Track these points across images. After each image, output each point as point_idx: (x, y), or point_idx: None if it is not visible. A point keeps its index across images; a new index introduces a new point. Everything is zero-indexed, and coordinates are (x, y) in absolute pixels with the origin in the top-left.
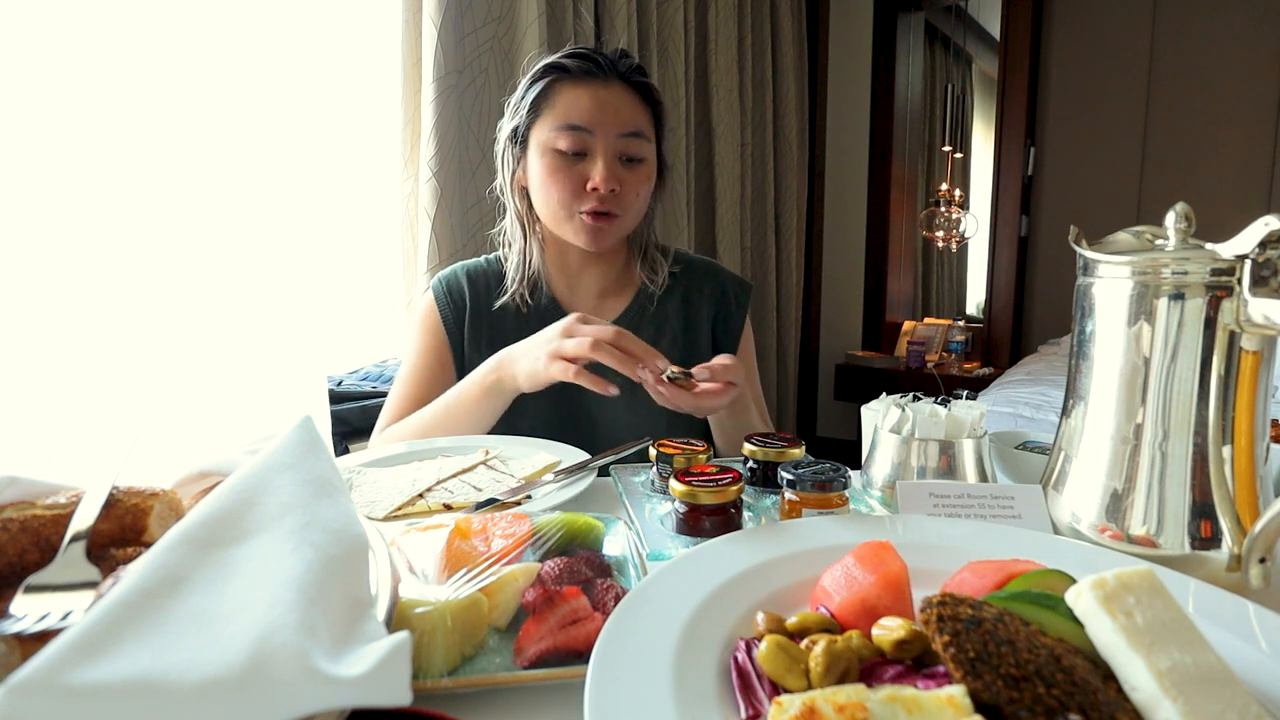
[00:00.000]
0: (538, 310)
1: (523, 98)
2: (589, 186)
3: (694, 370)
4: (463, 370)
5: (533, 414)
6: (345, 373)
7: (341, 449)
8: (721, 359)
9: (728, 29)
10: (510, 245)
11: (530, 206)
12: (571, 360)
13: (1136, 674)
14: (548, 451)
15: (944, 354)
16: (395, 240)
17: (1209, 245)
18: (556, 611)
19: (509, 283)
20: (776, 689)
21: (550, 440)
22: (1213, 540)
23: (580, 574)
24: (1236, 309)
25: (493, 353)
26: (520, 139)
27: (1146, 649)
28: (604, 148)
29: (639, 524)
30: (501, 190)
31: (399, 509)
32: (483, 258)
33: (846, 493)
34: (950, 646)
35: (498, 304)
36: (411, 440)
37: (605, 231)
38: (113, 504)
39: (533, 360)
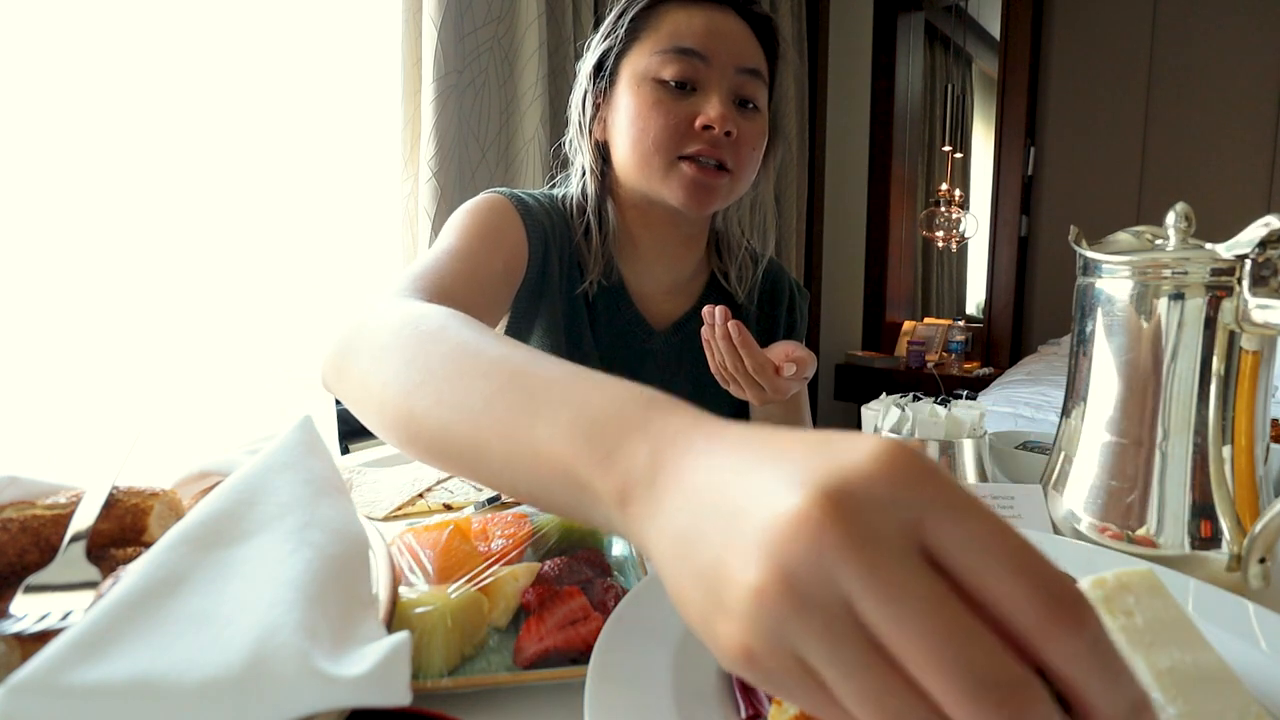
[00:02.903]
0: (606, 290)
1: (618, 19)
2: (698, 124)
3: (775, 351)
4: (537, 295)
5: None
6: None
7: (342, 449)
8: (794, 350)
9: None
10: (580, 215)
11: (604, 169)
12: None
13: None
14: None
15: (944, 354)
16: (395, 240)
17: (1209, 245)
18: (556, 611)
19: (589, 268)
20: None
21: None
22: (1213, 540)
23: (580, 574)
24: (1236, 309)
25: (564, 304)
26: (608, 72)
27: (1146, 649)
28: (718, 79)
29: None
30: (572, 144)
31: (399, 509)
32: (547, 193)
33: None
34: None
35: (594, 276)
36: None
37: (712, 190)
38: (113, 504)
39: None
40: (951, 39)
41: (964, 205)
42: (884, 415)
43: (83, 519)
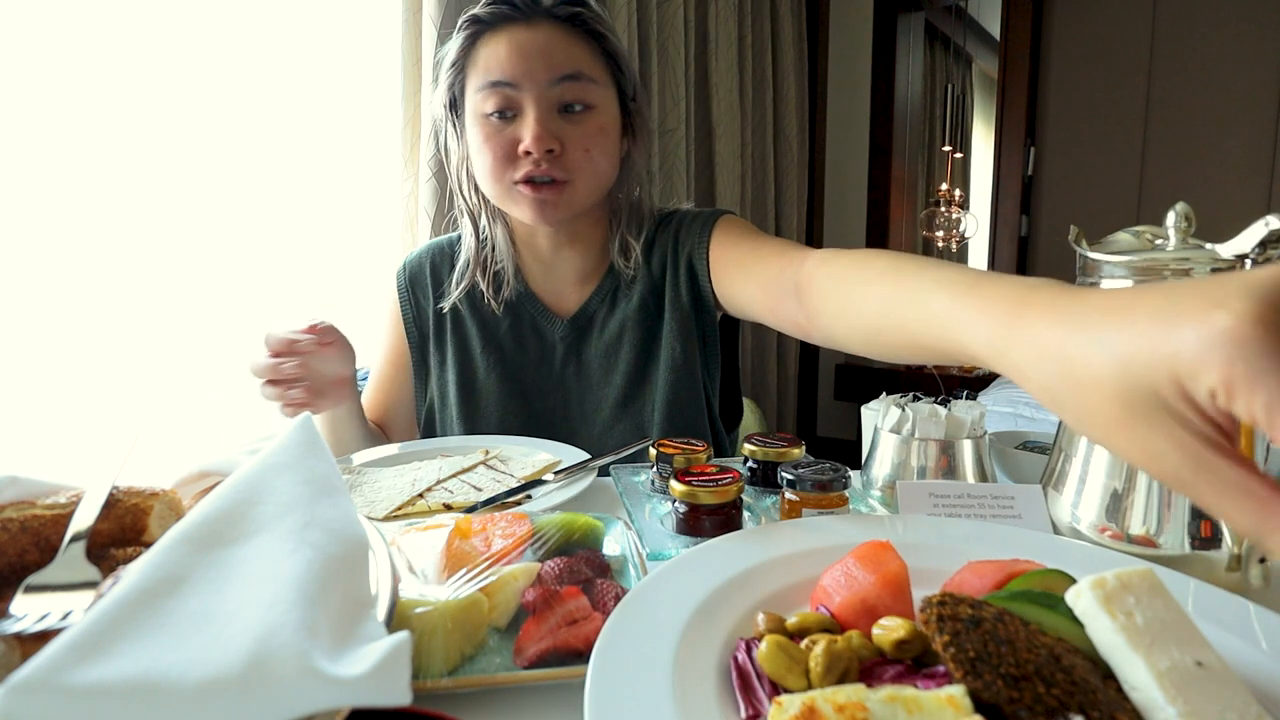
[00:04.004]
0: (509, 305)
1: (452, 60)
2: (520, 150)
3: None
4: (425, 375)
5: (501, 423)
6: None
7: None
8: None
9: (728, 29)
10: (462, 242)
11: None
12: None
13: (1136, 674)
14: (548, 451)
15: None
16: (395, 240)
17: (1209, 245)
18: (556, 611)
19: (450, 283)
20: (776, 689)
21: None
22: (1213, 540)
23: (580, 574)
24: None
25: (456, 353)
26: (457, 108)
27: (1146, 649)
28: (533, 100)
29: (639, 524)
30: (458, 180)
31: (399, 509)
32: (453, 235)
33: (846, 493)
34: (950, 646)
35: (453, 298)
36: None
37: (552, 204)
38: (113, 504)
39: None
40: (951, 39)
41: (964, 205)
42: (884, 415)
43: (83, 519)
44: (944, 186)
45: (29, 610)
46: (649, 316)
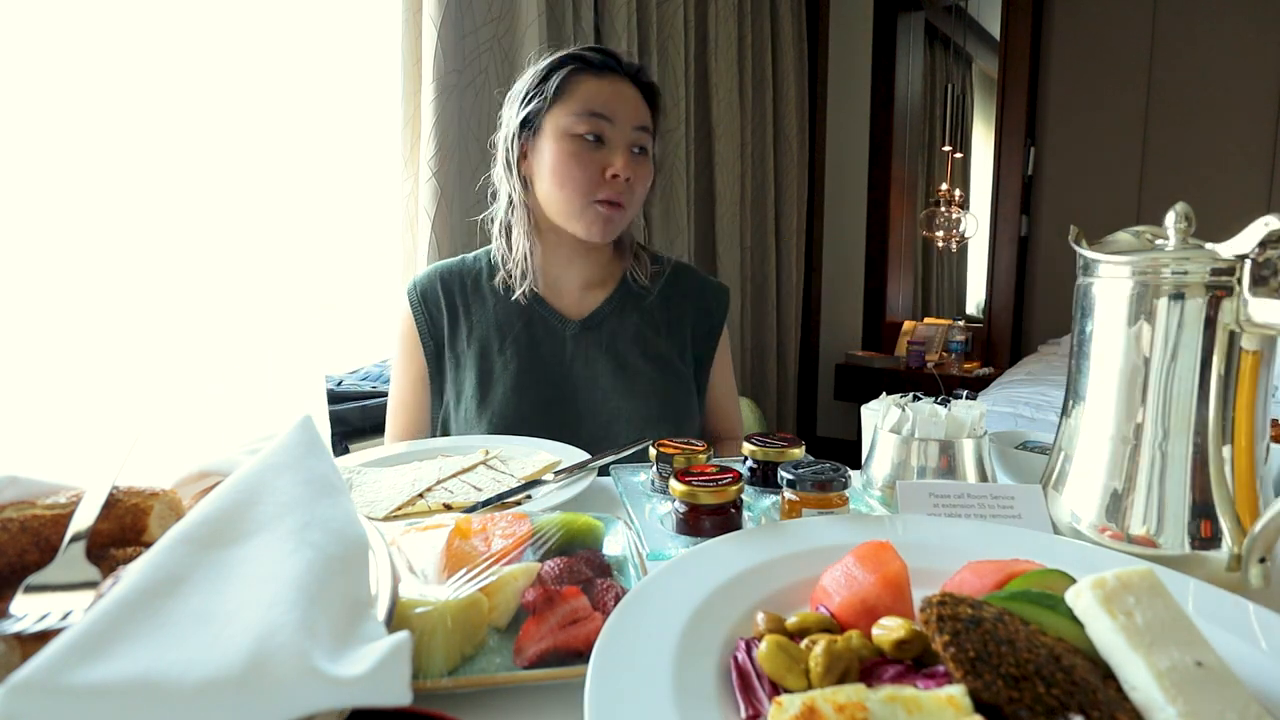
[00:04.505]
0: (520, 308)
1: (542, 83)
2: (609, 174)
3: None
4: (440, 385)
5: (503, 408)
6: (345, 373)
7: (341, 449)
8: None
9: (728, 29)
10: (506, 235)
11: (526, 198)
12: None
13: (1136, 674)
14: (548, 451)
15: (944, 354)
16: (395, 240)
17: (1209, 245)
18: (556, 611)
19: (509, 276)
20: (776, 689)
21: (546, 440)
22: (1213, 540)
23: (580, 574)
24: (1236, 309)
25: (475, 362)
26: (534, 125)
27: (1146, 649)
28: (621, 137)
29: (639, 524)
30: (502, 179)
31: (399, 509)
32: (459, 257)
33: (846, 493)
34: (950, 646)
35: (489, 301)
36: None
37: (614, 221)
38: (113, 504)
39: None
40: (951, 39)
41: (964, 205)
42: (884, 415)
43: (83, 519)
44: (944, 186)
45: (29, 610)
46: (656, 331)
